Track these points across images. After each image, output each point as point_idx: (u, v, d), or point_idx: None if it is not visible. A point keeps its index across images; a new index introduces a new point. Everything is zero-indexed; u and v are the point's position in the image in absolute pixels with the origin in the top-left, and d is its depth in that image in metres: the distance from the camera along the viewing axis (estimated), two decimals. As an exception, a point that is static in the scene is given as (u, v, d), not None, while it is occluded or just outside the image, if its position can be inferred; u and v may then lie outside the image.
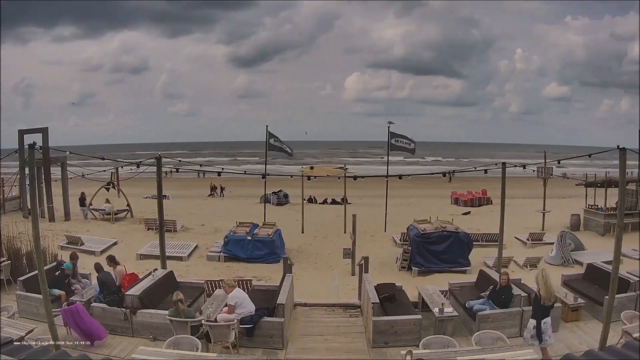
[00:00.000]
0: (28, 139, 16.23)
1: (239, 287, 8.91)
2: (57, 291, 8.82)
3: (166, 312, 7.58)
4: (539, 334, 6.66)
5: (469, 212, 23.48)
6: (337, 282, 12.94)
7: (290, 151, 20.92)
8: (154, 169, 9.97)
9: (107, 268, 9.21)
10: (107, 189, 22.32)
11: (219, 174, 13.01)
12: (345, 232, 18.54)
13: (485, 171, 12.02)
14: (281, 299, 7.98)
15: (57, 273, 9.27)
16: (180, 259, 14.67)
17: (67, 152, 11.86)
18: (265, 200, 24.26)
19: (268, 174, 14.74)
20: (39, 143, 16.08)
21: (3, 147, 13.86)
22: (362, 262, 10.19)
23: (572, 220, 18.71)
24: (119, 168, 23.92)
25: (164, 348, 6.40)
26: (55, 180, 19.16)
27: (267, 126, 20.05)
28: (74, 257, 9.83)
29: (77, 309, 7.37)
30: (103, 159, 10.97)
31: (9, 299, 8.79)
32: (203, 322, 7.24)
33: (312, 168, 27.80)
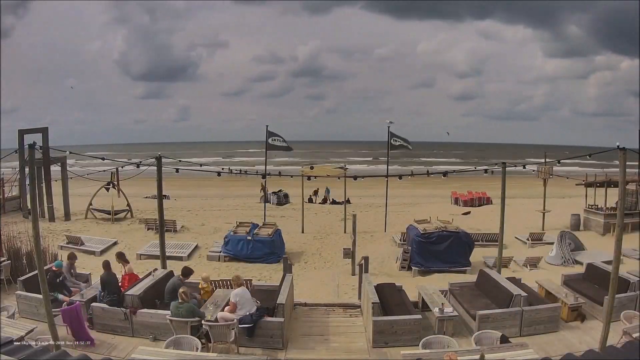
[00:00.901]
0: (28, 138, 16.27)
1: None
2: (61, 296, 8.72)
3: (166, 312, 7.56)
4: None
5: (469, 212, 23.45)
6: (337, 282, 12.93)
7: (289, 147, 20.88)
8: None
9: (115, 265, 9.17)
10: (107, 189, 22.27)
11: (219, 173, 13.00)
12: (345, 232, 18.54)
13: (486, 171, 12.02)
14: (281, 299, 7.97)
15: (47, 276, 9.15)
16: (180, 258, 14.65)
17: (67, 152, 11.84)
18: (266, 200, 24.25)
19: (268, 174, 14.76)
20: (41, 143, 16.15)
21: (4, 146, 13.88)
22: (362, 262, 10.18)
23: (572, 220, 18.70)
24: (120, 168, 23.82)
25: (164, 348, 6.41)
26: (56, 180, 19.17)
27: (267, 126, 20.07)
28: (71, 258, 9.80)
29: (76, 309, 7.36)
30: (103, 159, 10.95)
31: (9, 299, 8.77)
32: (203, 322, 7.23)
33: (312, 168, 27.74)
